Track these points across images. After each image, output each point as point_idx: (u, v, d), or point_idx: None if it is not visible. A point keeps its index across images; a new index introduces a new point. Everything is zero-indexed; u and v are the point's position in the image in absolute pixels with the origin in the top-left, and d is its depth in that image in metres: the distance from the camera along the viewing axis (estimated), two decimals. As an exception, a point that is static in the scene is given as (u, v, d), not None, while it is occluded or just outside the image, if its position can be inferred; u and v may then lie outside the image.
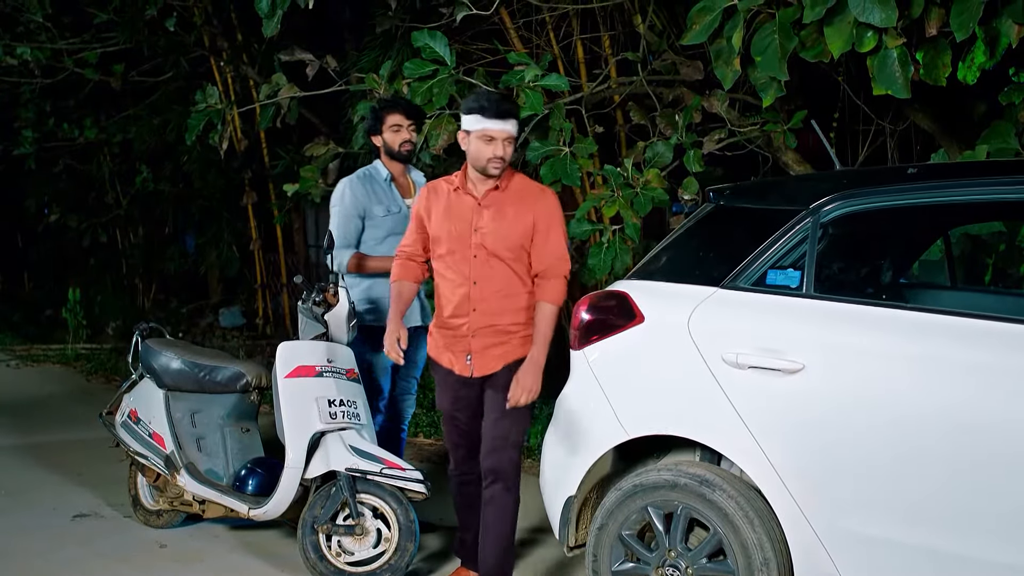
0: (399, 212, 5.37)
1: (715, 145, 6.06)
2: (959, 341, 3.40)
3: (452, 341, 4.45)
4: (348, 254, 5.33)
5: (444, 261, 4.41)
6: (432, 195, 4.49)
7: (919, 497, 3.39)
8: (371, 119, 5.44)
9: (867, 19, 4.78)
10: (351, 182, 5.38)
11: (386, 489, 4.74)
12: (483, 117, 4.24)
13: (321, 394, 4.84)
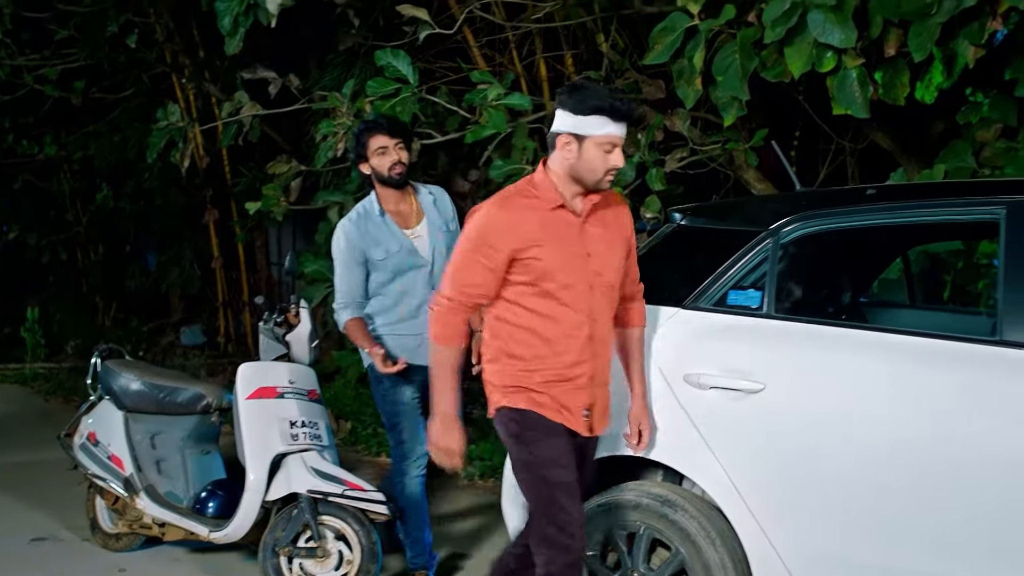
0: (400, 250, 4.79)
1: (677, 163, 6.09)
2: (919, 360, 3.42)
3: (570, 395, 3.59)
4: (347, 314, 4.82)
5: (558, 298, 3.52)
6: (524, 216, 3.51)
7: (880, 516, 3.40)
8: (354, 146, 4.90)
9: (826, 40, 4.84)
10: (345, 226, 4.85)
11: (348, 511, 4.71)
12: (611, 119, 3.44)
13: (283, 415, 4.82)
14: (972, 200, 3.61)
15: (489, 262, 3.49)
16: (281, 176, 7.22)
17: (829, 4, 4.78)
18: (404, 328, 4.83)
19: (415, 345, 4.75)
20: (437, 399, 3.59)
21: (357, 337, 4.81)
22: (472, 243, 3.53)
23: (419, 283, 4.81)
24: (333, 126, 6.43)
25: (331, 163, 6.77)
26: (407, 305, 4.82)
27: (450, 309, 3.56)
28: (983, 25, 4.81)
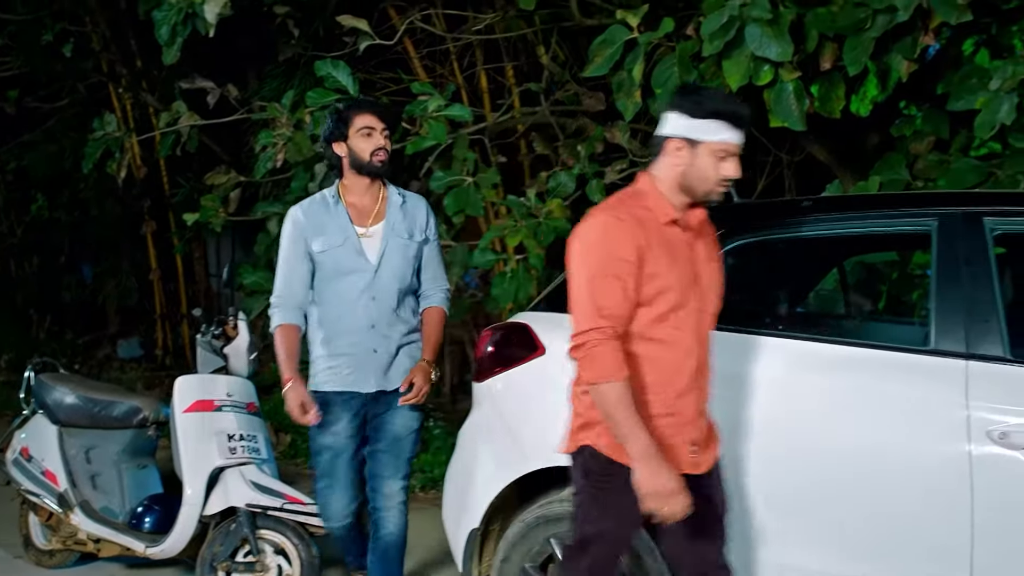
0: (343, 244, 4.23)
1: (617, 175, 6.12)
2: (856, 369, 3.46)
3: (676, 430, 3.21)
4: (279, 315, 4.22)
5: (669, 322, 3.16)
6: (639, 228, 3.13)
7: (824, 525, 3.45)
8: (333, 123, 4.31)
9: (764, 53, 4.90)
10: (295, 211, 4.34)
11: (288, 525, 4.67)
12: (730, 125, 3.13)
13: (221, 429, 4.77)
14: (905, 212, 3.68)
15: (624, 276, 3.08)
16: (220, 187, 7.16)
17: (766, 18, 4.85)
18: (338, 346, 4.28)
19: (348, 370, 4.27)
20: (631, 444, 3.03)
21: (280, 354, 4.19)
22: (598, 261, 3.10)
23: (357, 289, 4.23)
24: (272, 137, 6.39)
25: (271, 174, 6.73)
26: (343, 316, 4.26)
27: (601, 339, 3.07)
28: (916, 40, 4.90)
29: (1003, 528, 3.24)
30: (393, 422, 4.34)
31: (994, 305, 3.37)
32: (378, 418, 4.33)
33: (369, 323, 4.25)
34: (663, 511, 3.01)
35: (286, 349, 4.19)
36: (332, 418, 4.30)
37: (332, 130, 4.31)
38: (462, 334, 7.64)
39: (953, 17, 4.71)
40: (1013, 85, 4.64)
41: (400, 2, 7.07)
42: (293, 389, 4.15)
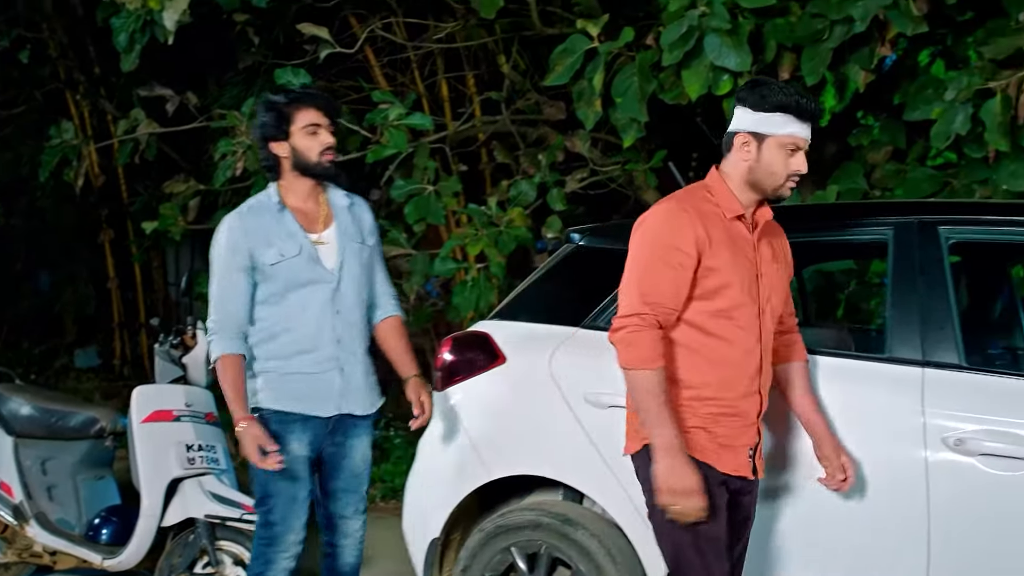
0: (298, 254, 3.76)
1: (578, 184, 6.15)
2: (815, 377, 3.49)
3: (737, 432, 3.13)
4: (220, 345, 3.73)
5: (730, 319, 3.09)
6: (701, 220, 3.07)
7: (775, 536, 3.46)
8: (271, 119, 3.78)
9: (722, 63, 4.94)
10: (229, 220, 3.79)
11: (247, 535, 4.63)
12: (796, 118, 3.05)
13: (179, 439, 4.73)
14: (863, 221, 3.71)
15: (676, 266, 3.03)
16: (179, 195, 7.14)
17: (724, 29, 4.89)
18: (296, 365, 3.79)
19: (308, 391, 3.80)
20: (656, 433, 2.97)
21: (227, 390, 3.69)
22: (653, 248, 3.05)
23: (318, 303, 3.79)
24: (232, 145, 6.37)
25: (230, 182, 6.70)
26: (300, 332, 3.78)
27: (641, 326, 3.01)
28: (873, 51, 4.97)
29: (959, 534, 3.27)
30: (351, 456, 3.94)
31: (949, 313, 3.41)
32: (334, 450, 3.88)
33: (335, 338, 3.81)
34: (677, 509, 2.97)
35: (232, 384, 3.70)
36: (290, 438, 3.78)
37: (271, 128, 3.79)
38: (423, 343, 7.62)
39: (909, 28, 4.78)
40: (968, 96, 4.70)
41: (361, 10, 7.06)
42: (249, 430, 3.62)
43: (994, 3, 5.20)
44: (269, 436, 3.65)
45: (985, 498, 3.24)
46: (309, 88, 3.96)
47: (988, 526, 3.24)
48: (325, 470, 3.93)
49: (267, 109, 3.82)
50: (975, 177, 4.93)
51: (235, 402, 3.68)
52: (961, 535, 3.27)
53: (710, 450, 3.08)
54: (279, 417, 3.78)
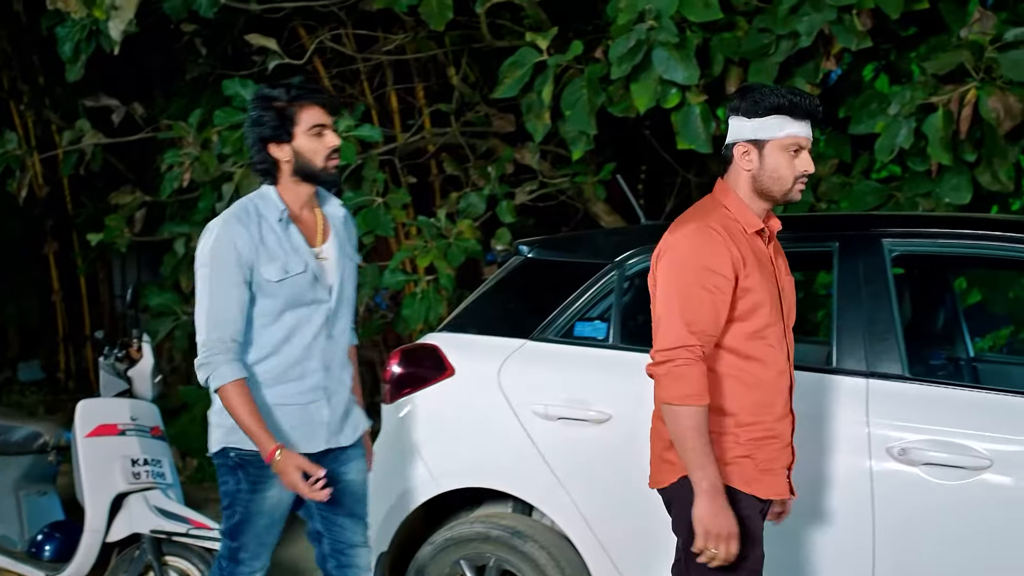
0: (303, 272, 3.38)
1: (527, 196, 6.16)
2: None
3: (776, 455, 3.01)
4: (226, 369, 3.28)
5: (764, 339, 2.98)
6: (733, 239, 2.94)
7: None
8: (271, 118, 3.34)
9: (670, 77, 4.98)
10: (228, 227, 3.33)
11: (194, 550, 4.58)
12: (793, 117, 2.95)
13: (124, 453, 4.67)
14: (809, 233, 3.76)
15: (714, 289, 2.88)
16: (125, 206, 7.07)
17: (672, 43, 4.92)
18: (281, 394, 3.41)
19: (296, 425, 3.42)
20: (701, 475, 2.84)
21: (245, 420, 3.27)
22: (689, 273, 2.90)
23: (313, 327, 3.43)
24: (179, 156, 6.31)
25: (177, 194, 6.64)
26: (288, 357, 3.42)
27: (690, 360, 2.85)
28: (818, 65, 5.03)
29: (903, 542, 3.31)
30: (350, 481, 3.57)
31: (893, 324, 3.45)
32: (331, 478, 3.41)
33: (323, 365, 3.45)
34: (715, 553, 2.84)
35: (249, 412, 3.27)
36: (268, 480, 3.39)
37: (273, 129, 3.35)
38: (372, 355, 7.59)
39: (853, 43, 4.84)
40: (911, 110, 4.76)
41: (310, 21, 7.03)
42: (290, 460, 3.25)
43: (936, 20, 5.29)
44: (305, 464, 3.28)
45: (929, 507, 3.28)
46: (308, 83, 3.47)
47: (932, 535, 3.28)
48: (320, 505, 3.50)
49: (265, 107, 3.36)
50: (918, 190, 4.99)
51: (259, 432, 3.27)
52: (905, 544, 3.31)
53: (753, 478, 2.96)
54: (251, 455, 3.37)
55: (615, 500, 3.66)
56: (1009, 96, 4.61)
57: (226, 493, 3.47)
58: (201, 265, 3.35)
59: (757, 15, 5.11)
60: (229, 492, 3.46)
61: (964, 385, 3.74)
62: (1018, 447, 3.23)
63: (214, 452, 3.47)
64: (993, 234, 3.50)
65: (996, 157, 4.80)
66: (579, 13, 6.35)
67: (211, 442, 3.48)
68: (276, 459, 3.25)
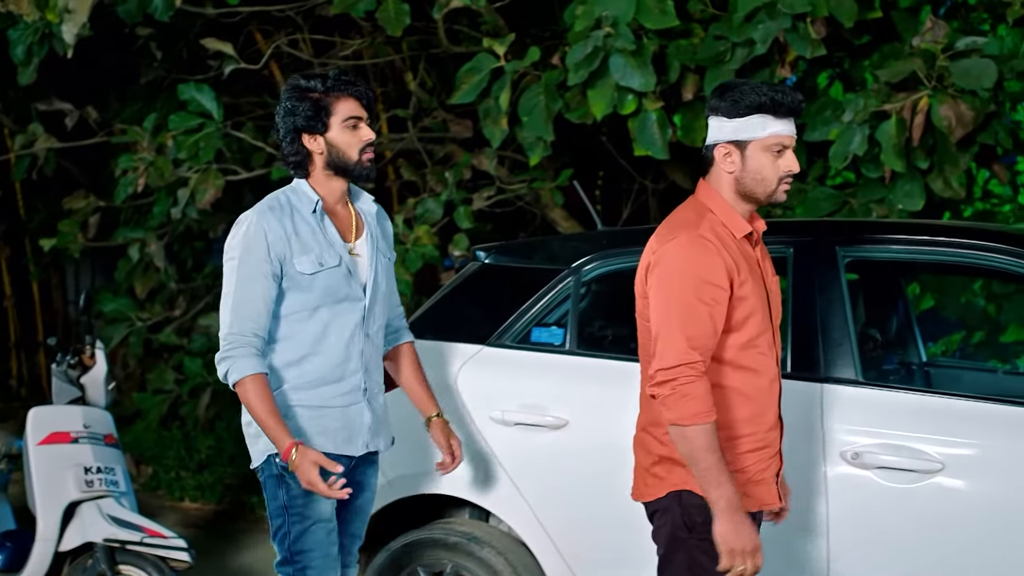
0: (338, 266, 3.28)
1: (485, 202, 6.16)
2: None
3: (766, 464, 2.98)
4: (246, 362, 3.16)
5: (756, 346, 2.92)
6: (725, 247, 2.87)
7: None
8: (307, 109, 3.21)
9: (627, 83, 5.00)
10: (261, 218, 3.22)
11: (148, 559, 4.54)
12: (775, 116, 2.86)
13: (77, 461, 4.61)
14: (763, 239, 3.77)
15: (711, 301, 2.81)
16: (78, 211, 7.02)
17: (629, 49, 4.94)
18: (324, 396, 3.29)
19: (339, 427, 3.30)
20: (718, 494, 2.77)
21: (263, 413, 3.14)
22: (685, 286, 2.81)
23: (350, 324, 3.31)
24: (133, 161, 6.27)
25: (132, 199, 6.59)
26: (329, 357, 3.29)
27: (692, 377, 2.77)
28: (773, 72, 5.07)
29: (857, 545, 3.34)
30: (365, 494, 3.47)
31: (847, 329, 3.48)
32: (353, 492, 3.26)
33: (363, 366, 3.34)
34: (741, 570, 2.78)
35: (268, 408, 3.14)
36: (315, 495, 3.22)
37: (307, 120, 3.22)
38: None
39: (808, 51, 4.88)
40: (865, 117, 4.81)
41: (267, 26, 7.00)
42: (307, 455, 3.11)
43: (889, 29, 5.35)
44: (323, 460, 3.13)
45: (882, 511, 3.32)
46: (345, 75, 3.32)
47: (886, 538, 3.31)
48: (338, 513, 3.36)
49: (300, 96, 3.23)
50: (872, 197, 5.04)
51: (277, 427, 3.13)
52: (860, 547, 3.34)
53: (743, 491, 2.88)
54: None
55: (572, 505, 3.67)
56: (960, 104, 4.66)
57: (277, 509, 3.27)
58: (230, 257, 3.24)
59: (713, 23, 5.14)
60: (281, 506, 3.26)
61: (917, 389, 3.77)
62: (969, 450, 3.28)
63: (259, 464, 3.30)
64: (944, 240, 3.55)
65: (948, 164, 4.86)
66: (536, 19, 6.36)
67: (253, 455, 3.31)
68: (293, 455, 3.10)
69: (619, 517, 3.56)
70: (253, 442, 3.31)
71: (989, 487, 3.25)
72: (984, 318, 5.71)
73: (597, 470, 3.61)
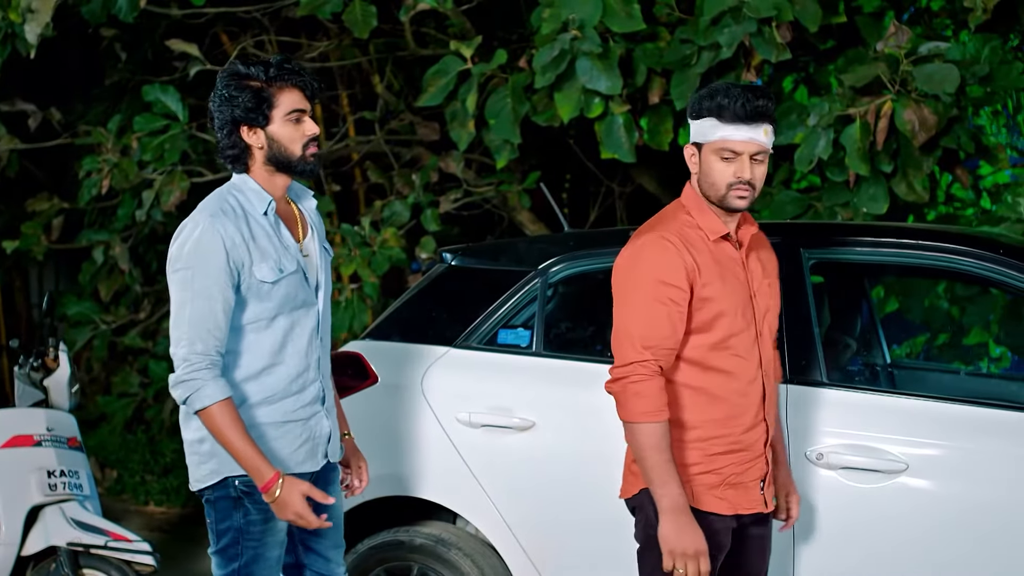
0: (295, 271, 3.06)
1: (452, 204, 6.16)
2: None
3: (743, 468, 2.96)
4: (212, 387, 2.91)
5: (730, 349, 2.91)
6: (687, 248, 2.88)
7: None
8: (247, 100, 2.96)
9: (594, 86, 5.02)
10: (213, 219, 2.94)
11: (112, 563, 4.50)
12: (721, 121, 2.84)
13: (40, 465, 4.56)
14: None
15: (668, 301, 2.83)
16: (42, 213, 6.97)
17: (596, 52, 4.96)
18: (287, 409, 3.08)
19: (302, 442, 3.10)
20: (662, 493, 2.80)
21: (237, 441, 2.91)
22: (641, 285, 2.85)
23: (306, 332, 3.11)
24: (98, 162, 6.22)
25: (96, 201, 6.54)
26: (290, 368, 3.09)
27: (644, 375, 2.80)
28: (739, 76, 5.09)
29: (822, 545, 3.36)
30: (335, 506, 3.17)
31: (811, 331, 3.50)
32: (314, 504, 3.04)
33: (319, 374, 3.16)
34: (683, 572, 2.79)
35: (243, 435, 2.92)
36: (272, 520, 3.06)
37: (246, 111, 2.98)
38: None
39: (773, 55, 4.91)
40: (829, 121, 4.84)
41: (232, 28, 6.97)
42: (295, 486, 2.94)
43: (853, 34, 5.40)
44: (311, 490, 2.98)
45: (847, 511, 3.34)
46: (288, 63, 3.06)
47: (851, 538, 3.34)
48: (300, 530, 3.14)
49: (239, 86, 2.98)
50: (837, 200, 5.07)
51: (255, 457, 2.90)
52: (825, 547, 3.36)
53: (717, 493, 2.92)
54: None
55: (539, 507, 3.67)
56: (924, 108, 4.70)
57: (228, 531, 3.05)
58: (182, 267, 2.95)
59: (679, 26, 5.16)
60: (233, 528, 3.04)
61: (881, 390, 3.81)
62: (933, 450, 3.31)
63: (211, 484, 3.06)
64: (908, 243, 3.58)
65: (911, 168, 4.89)
66: (503, 22, 6.37)
67: (201, 474, 3.08)
68: (276, 488, 2.90)
69: (586, 519, 3.58)
70: (204, 460, 3.06)
71: (953, 487, 3.28)
72: (948, 321, 5.76)
73: (564, 471, 3.62)
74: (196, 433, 3.06)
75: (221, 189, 3.08)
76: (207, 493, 3.09)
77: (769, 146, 2.89)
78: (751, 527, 3.05)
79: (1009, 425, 3.31)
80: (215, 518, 3.09)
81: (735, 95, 2.83)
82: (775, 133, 2.91)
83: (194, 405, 2.93)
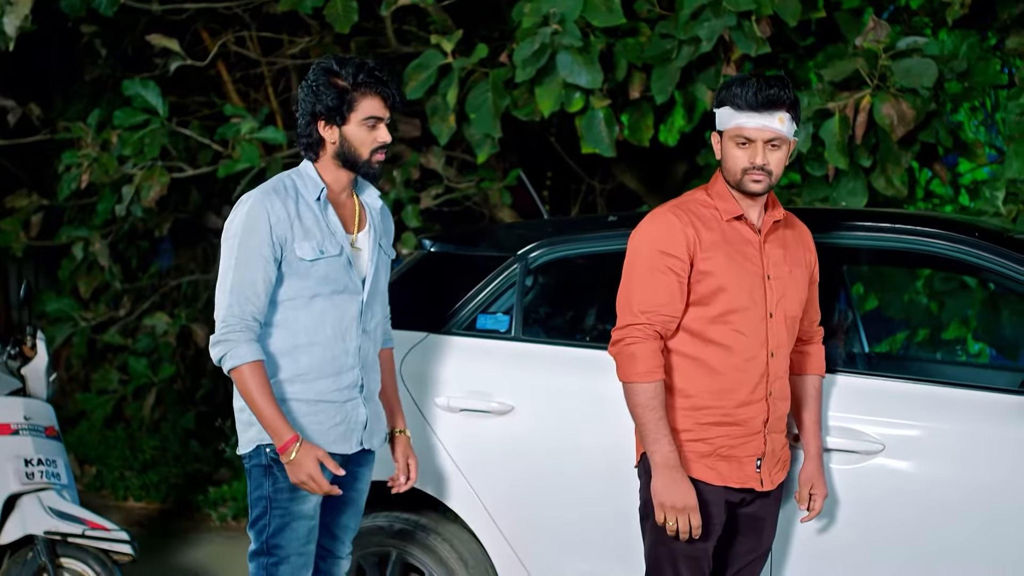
0: (339, 255, 3.23)
1: (433, 201, 6.17)
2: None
3: (736, 442, 3.08)
4: (245, 348, 3.10)
5: (732, 323, 3.05)
6: (694, 224, 3.06)
7: (628, 535, 3.50)
8: (331, 99, 3.17)
9: (575, 81, 5.04)
10: (264, 195, 3.17)
11: (89, 552, 4.48)
12: (736, 109, 3.00)
13: (17, 453, 4.55)
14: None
15: (667, 271, 3.01)
16: (21, 210, 6.96)
17: (576, 47, 4.98)
18: (321, 390, 3.25)
19: (335, 424, 3.27)
20: (653, 449, 2.98)
21: (261, 402, 3.09)
22: (646, 257, 3.04)
23: (347, 319, 3.27)
24: (77, 157, 6.20)
25: (75, 196, 6.52)
26: (326, 350, 3.24)
27: (638, 337, 2.99)
28: (719, 71, 5.12)
29: (800, 526, 3.37)
30: (359, 488, 3.43)
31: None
32: (341, 483, 3.26)
33: (360, 362, 3.30)
34: (672, 526, 2.98)
35: (267, 396, 3.10)
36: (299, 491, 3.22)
37: (327, 108, 3.18)
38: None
39: (753, 50, 4.94)
40: (809, 115, 4.87)
41: (213, 24, 6.97)
42: (310, 450, 3.11)
43: (833, 29, 5.43)
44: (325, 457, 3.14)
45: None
46: (377, 70, 3.24)
47: (827, 518, 3.35)
48: (327, 503, 3.34)
49: (328, 83, 3.19)
50: (816, 194, 5.11)
51: (276, 419, 3.09)
52: (802, 528, 3.37)
53: (707, 463, 3.06)
54: None
55: (518, 492, 3.68)
56: (902, 103, 4.74)
57: (260, 499, 3.23)
58: (230, 236, 3.17)
59: (660, 21, 5.19)
60: (264, 496, 3.22)
61: (857, 372, 3.82)
62: (910, 431, 3.32)
63: (248, 452, 3.25)
64: (885, 226, 3.60)
65: (890, 162, 4.93)
66: (484, 17, 6.39)
67: (242, 441, 3.26)
68: (292, 449, 3.08)
69: (564, 503, 3.59)
70: (244, 429, 3.25)
71: (930, 467, 3.30)
72: (927, 316, 5.80)
73: (543, 455, 3.62)
74: (239, 401, 3.24)
75: (282, 173, 3.30)
76: (246, 461, 3.28)
77: (786, 133, 3.01)
78: (746, 505, 3.15)
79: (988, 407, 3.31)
80: (250, 488, 3.27)
81: (749, 84, 3.00)
82: (795, 121, 3.03)
83: (226, 364, 3.11)
